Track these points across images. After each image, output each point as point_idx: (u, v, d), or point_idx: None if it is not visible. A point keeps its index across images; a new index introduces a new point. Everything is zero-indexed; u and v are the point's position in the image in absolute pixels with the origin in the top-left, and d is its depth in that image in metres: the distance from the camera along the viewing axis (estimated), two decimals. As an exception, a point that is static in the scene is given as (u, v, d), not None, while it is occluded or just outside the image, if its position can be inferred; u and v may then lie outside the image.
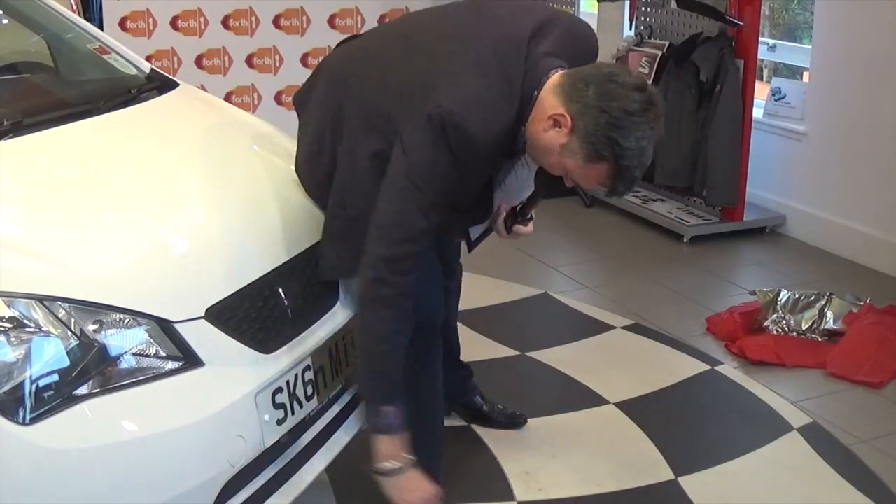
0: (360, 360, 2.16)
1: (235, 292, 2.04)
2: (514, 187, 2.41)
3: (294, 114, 2.49)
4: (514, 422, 2.99)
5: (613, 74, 2.01)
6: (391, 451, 2.12)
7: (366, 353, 2.14)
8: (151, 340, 1.87)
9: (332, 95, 2.30)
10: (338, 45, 2.48)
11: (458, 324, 2.95)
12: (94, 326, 1.81)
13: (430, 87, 2.07)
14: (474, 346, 3.46)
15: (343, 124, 2.25)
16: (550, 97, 2.04)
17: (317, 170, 2.33)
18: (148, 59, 3.55)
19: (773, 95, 4.91)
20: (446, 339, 2.82)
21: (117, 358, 1.83)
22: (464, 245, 2.65)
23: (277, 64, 6.04)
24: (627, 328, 3.73)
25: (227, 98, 5.70)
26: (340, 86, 2.30)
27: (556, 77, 2.07)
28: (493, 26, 2.18)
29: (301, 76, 6.17)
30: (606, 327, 3.73)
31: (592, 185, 2.09)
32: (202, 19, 5.90)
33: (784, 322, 3.65)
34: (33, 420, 1.70)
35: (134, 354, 1.85)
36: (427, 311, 2.36)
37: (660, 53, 4.84)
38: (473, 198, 2.29)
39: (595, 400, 3.19)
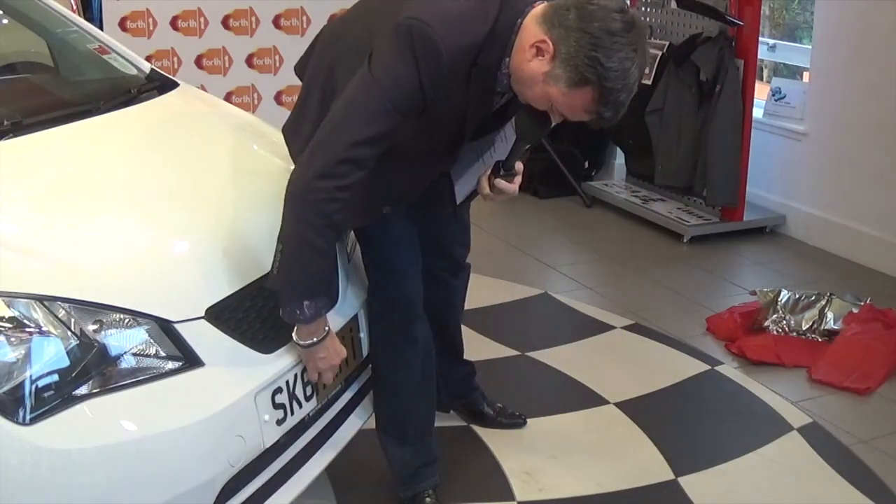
0: (280, 254, 2.07)
1: (235, 292, 2.04)
2: (494, 146, 2.38)
3: (294, 114, 2.48)
4: (514, 422, 2.99)
5: None
6: (312, 330, 2.12)
7: (289, 250, 2.06)
8: (151, 340, 1.87)
9: (325, 57, 2.29)
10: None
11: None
12: (94, 326, 1.81)
13: (400, 7, 2.04)
14: (474, 346, 3.46)
15: (335, 81, 2.22)
16: (533, 26, 2.02)
17: (303, 124, 2.28)
18: (148, 59, 3.55)
19: (773, 95, 4.91)
20: (450, 337, 2.83)
21: (117, 358, 1.83)
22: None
23: (277, 64, 6.04)
24: (627, 328, 3.73)
25: (227, 98, 5.69)
26: (331, 46, 2.30)
27: (539, 7, 2.06)
28: None
29: (301, 76, 6.20)
30: (606, 327, 3.73)
31: (578, 113, 2.04)
32: (202, 19, 5.89)
33: (784, 322, 3.64)
34: (33, 420, 1.70)
35: (134, 354, 1.85)
36: (405, 290, 2.38)
37: (660, 53, 4.84)
38: (442, 146, 2.25)
39: (595, 400, 3.19)
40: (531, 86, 2.04)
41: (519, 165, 2.24)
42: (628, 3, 5.16)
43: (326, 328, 2.15)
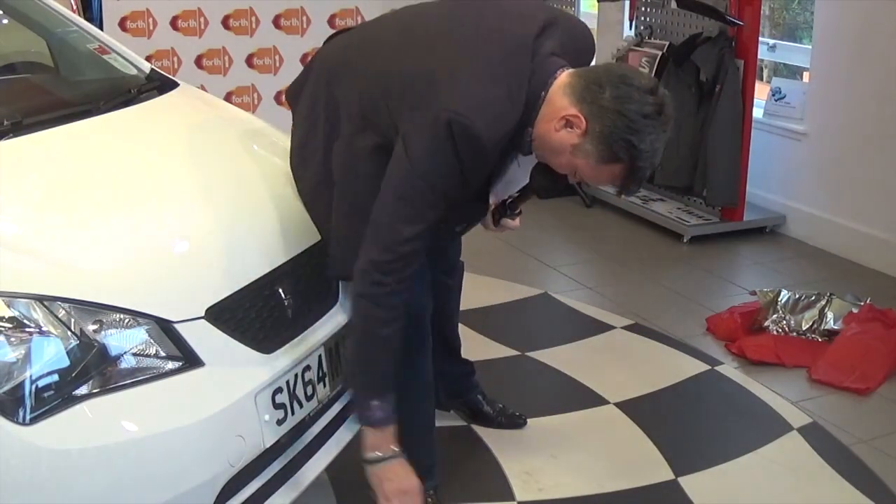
0: (349, 353, 2.18)
1: (235, 292, 2.04)
2: (504, 184, 2.41)
3: (294, 114, 2.48)
4: (514, 422, 2.99)
5: (627, 77, 2.01)
6: (378, 443, 2.15)
7: (356, 347, 2.16)
8: (151, 340, 1.87)
9: (327, 87, 2.28)
10: (328, 39, 2.44)
11: (459, 323, 2.94)
12: (94, 326, 1.81)
13: (435, 88, 2.05)
14: (474, 346, 3.46)
15: (339, 117, 2.23)
16: (560, 97, 2.04)
17: (309, 161, 2.30)
18: (148, 59, 3.55)
19: (773, 95, 4.91)
20: (446, 337, 2.83)
21: (117, 358, 1.83)
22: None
23: (277, 64, 6.04)
24: (627, 328, 3.73)
25: (227, 98, 5.70)
26: (335, 77, 2.28)
27: (563, 76, 2.07)
28: (499, 25, 2.17)
29: (301, 76, 6.20)
30: (606, 327, 3.73)
31: (602, 183, 2.11)
32: (202, 19, 5.90)
33: (784, 322, 3.64)
34: (33, 420, 1.70)
35: (134, 354, 1.85)
36: (414, 301, 2.37)
37: (660, 53, 4.84)
38: (470, 199, 2.28)
39: (595, 400, 3.19)
40: (557, 155, 2.09)
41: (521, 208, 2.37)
42: (629, 3, 5.18)
43: (394, 448, 2.15)
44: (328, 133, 2.26)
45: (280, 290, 2.16)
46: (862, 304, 3.67)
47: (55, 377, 1.74)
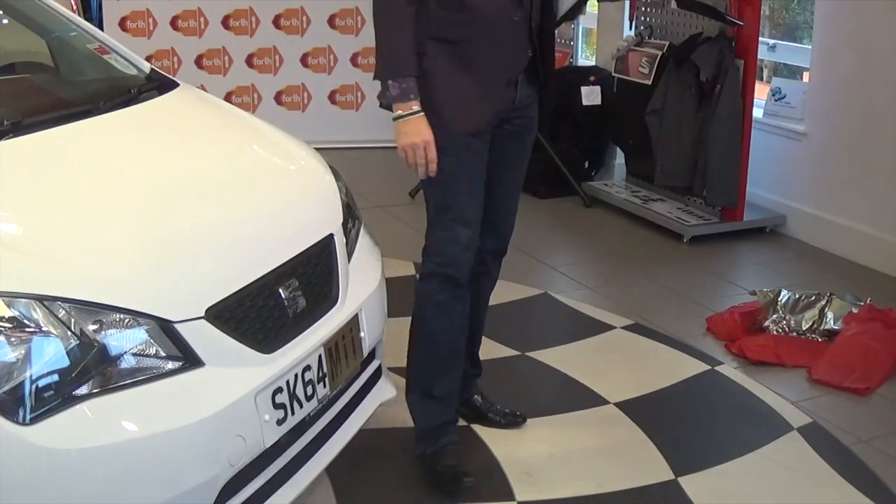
0: (376, 40, 2.39)
1: (235, 292, 2.04)
2: None
3: (294, 113, 2.51)
4: (513, 421, 2.99)
5: None
6: (400, 106, 2.39)
7: (377, 29, 2.38)
8: (151, 340, 1.87)
9: None
10: None
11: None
12: (94, 326, 1.81)
13: None
14: (474, 346, 3.47)
15: None
16: None
17: None
18: (148, 59, 3.55)
19: (773, 95, 4.91)
20: (472, 329, 2.83)
21: (117, 358, 1.83)
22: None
23: (277, 64, 6.04)
24: (627, 328, 3.73)
25: (227, 98, 5.70)
26: None
27: None
28: None
29: (301, 76, 6.21)
30: (606, 327, 3.73)
31: None
32: (202, 19, 5.90)
33: (784, 322, 3.64)
34: (33, 420, 1.70)
35: (134, 354, 1.85)
36: (463, 247, 2.51)
37: (660, 53, 4.84)
38: None
39: (595, 400, 3.19)
40: None
41: None
42: (629, 3, 5.19)
43: (415, 109, 2.38)
44: None
45: (280, 290, 2.15)
46: (862, 304, 3.67)
47: (55, 377, 1.75)
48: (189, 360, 1.91)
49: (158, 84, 2.72)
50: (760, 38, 4.73)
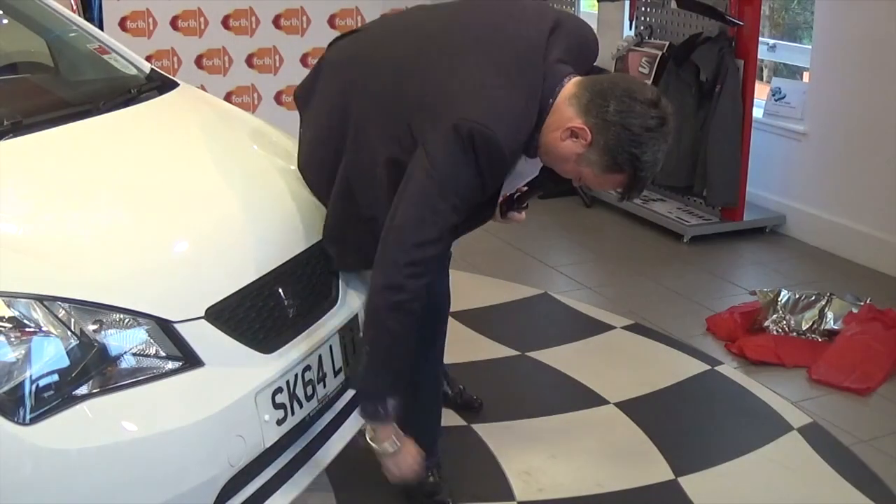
0: (367, 356, 2.16)
1: (235, 292, 2.04)
2: (513, 178, 2.43)
3: (295, 114, 2.48)
4: (469, 405, 3.02)
5: (631, 90, 2.06)
6: (388, 434, 2.19)
7: (376, 351, 2.14)
8: (151, 340, 1.87)
9: (340, 95, 2.28)
10: (334, 41, 2.44)
11: (459, 323, 2.95)
12: (94, 326, 1.81)
13: (452, 96, 2.07)
14: (474, 346, 3.47)
15: (353, 126, 2.23)
16: (566, 107, 2.09)
17: (322, 167, 2.32)
18: (148, 59, 3.55)
19: (773, 95, 4.91)
20: None
21: (117, 358, 1.83)
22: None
23: (277, 64, 6.04)
24: (627, 328, 3.73)
25: (227, 98, 5.70)
26: (349, 86, 2.28)
27: (570, 86, 2.11)
28: (512, 29, 2.19)
29: (301, 76, 6.18)
30: (606, 327, 3.73)
31: (606, 188, 2.20)
32: (202, 19, 5.90)
33: (784, 322, 3.64)
34: (33, 420, 1.70)
35: (134, 354, 1.85)
36: (437, 297, 2.39)
37: (660, 53, 4.84)
38: (484, 202, 2.29)
39: (595, 400, 3.19)
40: (563, 163, 2.15)
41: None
42: (629, 3, 5.18)
43: (402, 438, 2.20)
44: (339, 140, 2.26)
45: (280, 290, 2.16)
46: (862, 304, 3.67)
47: (55, 377, 1.74)
48: (189, 360, 1.91)
49: (158, 84, 2.71)
50: (760, 38, 4.73)
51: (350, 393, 2.39)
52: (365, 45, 2.38)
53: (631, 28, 5.24)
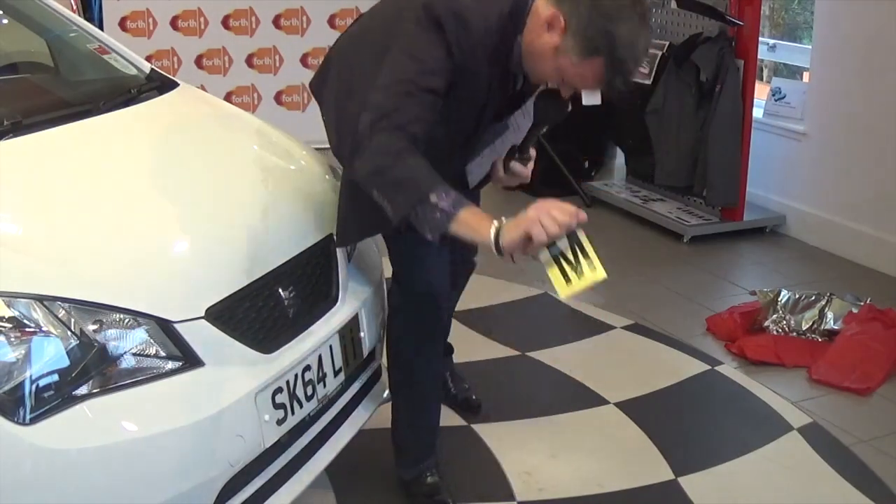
0: (381, 195, 2.01)
1: (235, 292, 2.04)
2: (512, 132, 2.43)
3: (295, 113, 2.50)
4: (468, 405, 3.02)
5: None
6: (476, 223, 1.98)
7: (379, 176, 2.00)
8: (151, 340, 1.87)
9: (348, 71, 2.35)
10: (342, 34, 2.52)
11: (459, 323, 2.95)
12: (94, 326, 1.81)
13: None
14: (474, 346, 3.47)
15: (360, 91, 2.22)
16: (544, 5, 2.09)
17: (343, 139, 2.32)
18: (148, 59, 3.55)
19: (773, 95, 4.91)
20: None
21: (117, 358, 1.83)
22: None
23: (277, 64, 6.04)
24: (627, 328, 3.73)
25: (227, 98, 5.70)
26: (348, 59, 2.36)
27: None
28: None
29: (301, 76, 6.21)
30: (606, 327, 3.73)
31: (589, 83, 2.13)
32: (202, 19, 5.90)
33: (784, 322, 3.64)
34: (33, 420, 1.70)
35: (134, 354, 1.85)
36: (431, 286, 2.39)
37: (660, 53, 4.84)
38: (463, 135, 2.30)
39: (595, 400, 3.19)
40: (543, 60, 2.11)
41: (532, 151, 2.33)
42: None
43: (491, 219, 1.97)
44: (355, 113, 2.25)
45: (280, 290, 2.15)
46: (862, 304, 3.67)
47: (55, 377, 1.74)
48: (189, 360, 1.91)
49: (158, 84, 2.71)
50: (760, 38, 4.73)
51: (350, 393, 2.39)
52: (358, 25, 2.46)
53: (631, 28, 5.23)
